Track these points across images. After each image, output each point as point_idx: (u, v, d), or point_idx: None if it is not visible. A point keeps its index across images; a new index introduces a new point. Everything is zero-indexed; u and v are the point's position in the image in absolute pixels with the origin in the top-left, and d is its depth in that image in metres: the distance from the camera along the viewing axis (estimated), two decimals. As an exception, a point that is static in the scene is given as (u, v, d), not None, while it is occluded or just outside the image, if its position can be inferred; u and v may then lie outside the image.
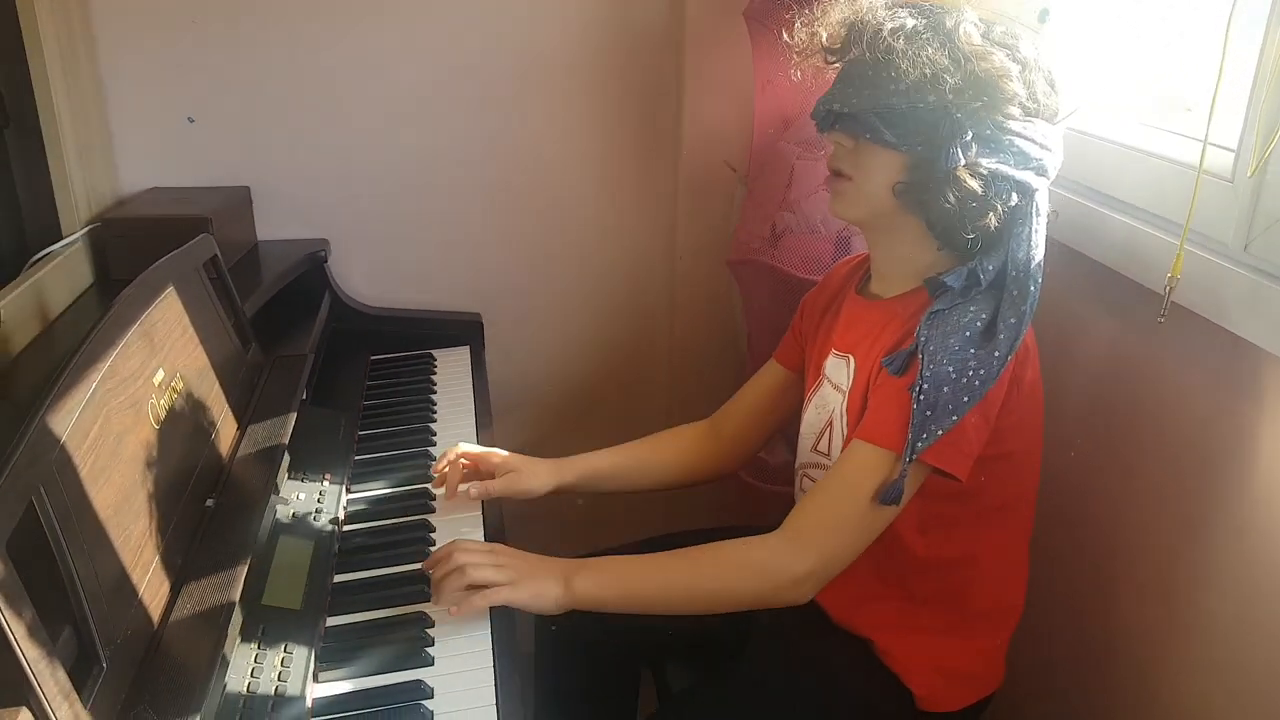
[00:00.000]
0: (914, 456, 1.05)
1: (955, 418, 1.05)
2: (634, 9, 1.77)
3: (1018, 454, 1.17)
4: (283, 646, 1.02)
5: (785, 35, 1.21)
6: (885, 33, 1.07)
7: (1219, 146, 1.05)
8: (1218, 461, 1.10)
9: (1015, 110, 1.08)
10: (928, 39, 1.07)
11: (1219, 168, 1.05)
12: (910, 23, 1.08)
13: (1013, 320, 1.06)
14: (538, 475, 1.34)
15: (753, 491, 1.74)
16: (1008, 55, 1.08)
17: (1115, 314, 1.29)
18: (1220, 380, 1.10)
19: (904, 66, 1.05)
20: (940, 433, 1.05)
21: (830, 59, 1.17)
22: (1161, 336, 1.16)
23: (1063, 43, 1.13)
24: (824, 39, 1.15)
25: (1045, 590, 1.32)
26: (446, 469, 1.34)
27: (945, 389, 1.04)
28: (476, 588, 1.10)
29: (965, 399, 1.05)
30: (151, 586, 0.93)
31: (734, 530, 1.34)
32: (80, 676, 0.79)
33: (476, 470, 1.36)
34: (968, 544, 1.20)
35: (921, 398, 1.04)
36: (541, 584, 1.12)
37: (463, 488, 1.32)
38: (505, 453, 1.36)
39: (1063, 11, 1.33)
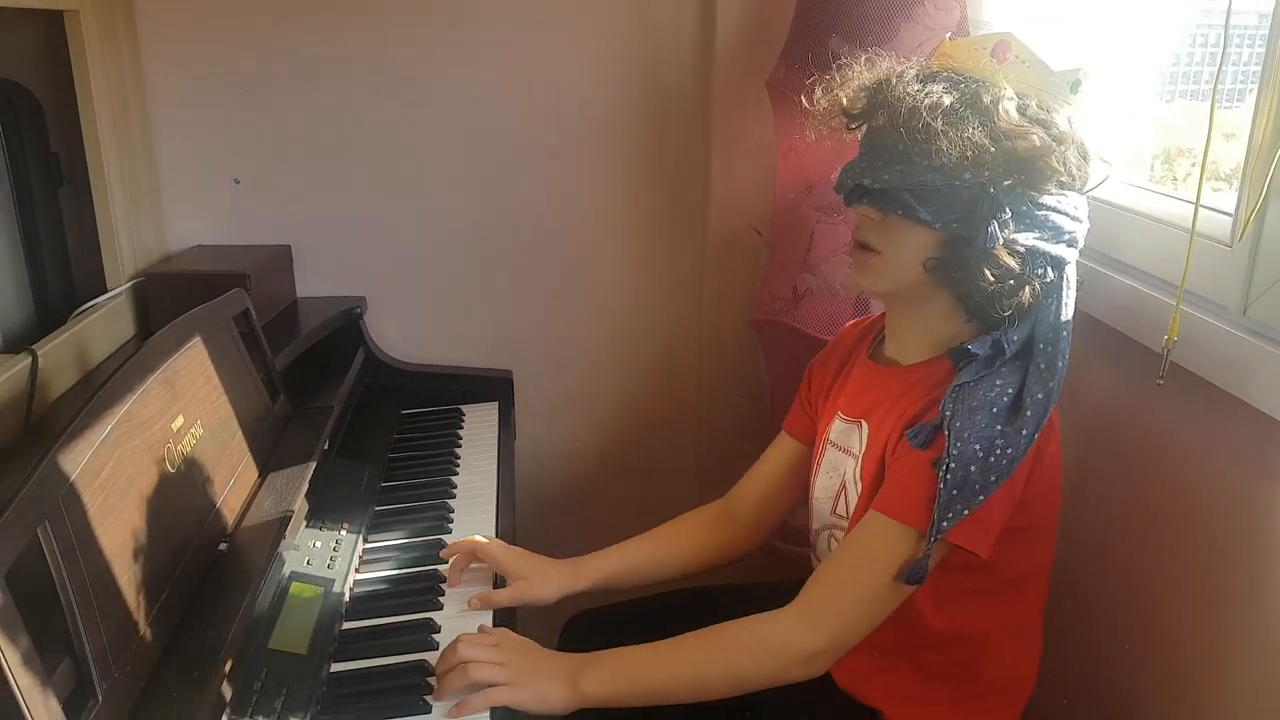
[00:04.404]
0: (939, 536, 1.03)
1: (982, 497, 1.02)
2: (664, 78, 1.81)
3: (1036, 526, 1.15)
4: (283, 690, 1.03)
5: (804, 100, 1.19)
6: (923, 110, 1.03)
7: (1216, 210, 1.05)
8: (1226, 526, 1.08)
9: (1051, 185, 1.06)
10: (967, 117, 1.04)
11: (1218, 232, 1.05)
12: (947, 100, 1.04)
13: (1040, 396, 1.04)
14: (548, 582, 1.29)
15: (776, 552, 1.72)
16: (1045, 132, 1.05)
17: (1120, 374, 1.28)
18: (1224, 442, 1.08)
19: (943, 146, 1.02)
20: (966, 512, 1.02)
21: (851, 124, 1.15)
22: (1165, 397, 1.15)
23: (1091, 111, 1.13)
24: (844, 102, 1.13)
25: (1058, 661, 1.30)
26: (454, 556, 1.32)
27: (973, 468, 1.02)
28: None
29: (993, 478, 1.02)
30: (154, 624, 0.96)
31: (754, 587, 1.32)
32: (75, 707, 0.82)
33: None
34: (982, 616, 1.18)
35: (949, 477, 1.02)
36: (545, 686, 1.09)
37: (466, 592, 1.28)
38: (517, 553, 1.32)
39: (1096, 82, 1.32)
